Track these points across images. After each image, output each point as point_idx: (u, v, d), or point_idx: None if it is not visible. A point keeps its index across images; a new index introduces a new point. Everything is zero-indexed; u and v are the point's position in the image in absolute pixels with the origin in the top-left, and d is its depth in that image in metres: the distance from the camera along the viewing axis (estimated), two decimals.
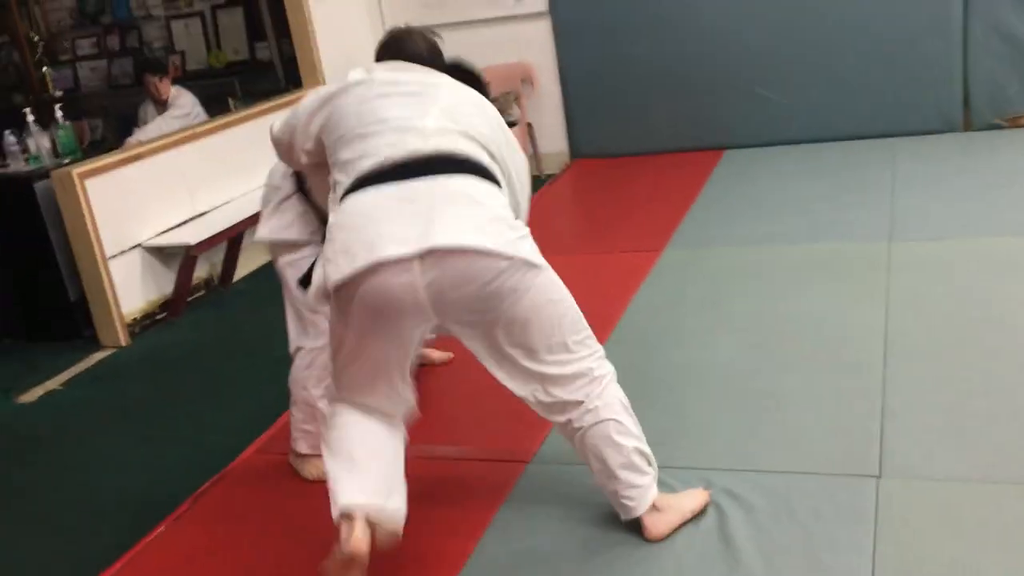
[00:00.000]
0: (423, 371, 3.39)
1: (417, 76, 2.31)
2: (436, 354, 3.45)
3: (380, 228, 1.98)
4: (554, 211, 5.44)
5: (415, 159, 2.06)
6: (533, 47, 6.08)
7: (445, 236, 1.96)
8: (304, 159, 2.39)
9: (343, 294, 2.02)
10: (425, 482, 2.68)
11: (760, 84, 5.64)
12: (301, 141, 2.36)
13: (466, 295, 2.01)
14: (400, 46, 2.50)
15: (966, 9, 5.16)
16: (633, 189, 5.40)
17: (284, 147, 2.49)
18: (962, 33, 5.20)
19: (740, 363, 3.09)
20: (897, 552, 2.11)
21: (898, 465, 2.42)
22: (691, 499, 2.35)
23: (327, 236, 2.09)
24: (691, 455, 2.61)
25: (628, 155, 6.04)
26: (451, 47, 6.70)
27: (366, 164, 2.09)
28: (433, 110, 2.15)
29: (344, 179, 2.12)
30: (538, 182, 5.96)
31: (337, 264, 2.00)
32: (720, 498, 2.39)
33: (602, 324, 3.51)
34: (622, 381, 2.31)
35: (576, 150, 6.21)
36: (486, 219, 2.03)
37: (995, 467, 2.36)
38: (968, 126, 5.33)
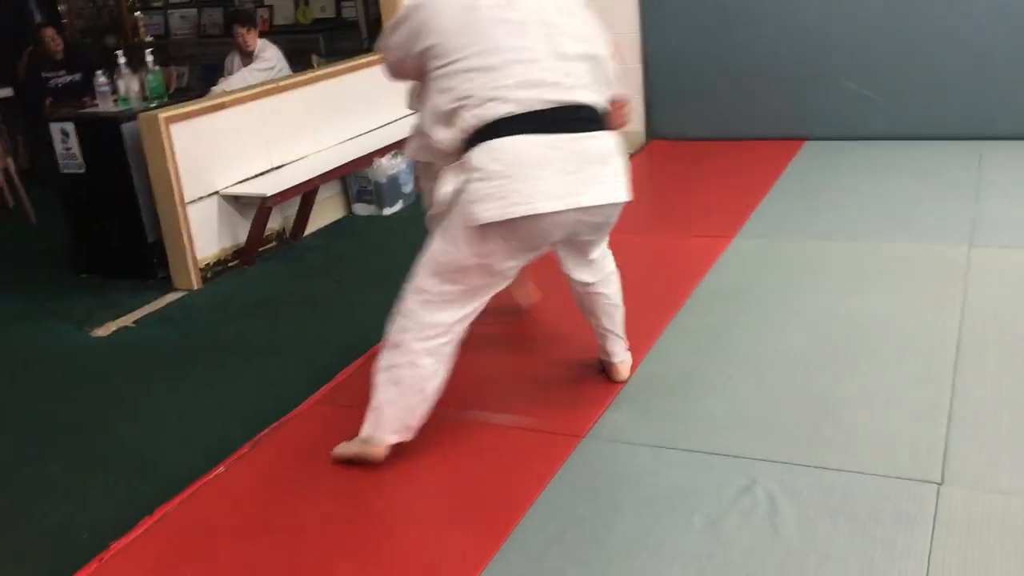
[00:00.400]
0: (484, 343, 3.41)
1: None
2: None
3: (536, 184, 2.38)
4: None
5: (550, 110, 2.42)
6: (619, 23, 6.00)
7: (591, 196, 2.48)
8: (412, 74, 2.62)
9: (488, 228, 2.40)
10: (480, 447, 2.72)
11: (847, 76, 5.51)
12: (404, 58, 2.56)
13: (592, 229, 2.61)
14: None
15: None
16: (708, 174, 5.34)
17: (395, 63, 2.64)
18: None
19: (805, 358, 3.05)
20: (953, 561, 2.07)
21: (961, 474, 2.37)
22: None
23: (472, 168, 2.38)
24: (747, 445, 2.59)
25: (705, 139, 5.97)
26: None
27: (501, 109, 2.38)
28: (543, 33, 2.46)
29: (470, 116, 2.40)
30: None
31: (487, 206, 2.37)
32: (774, 490, 2.37)
33: (666, 307, 3.52)
34: (684, 366, 2.30)
35: (653, 131, 6.15)
36: (615, 175, 2.55)
37: None
38: None
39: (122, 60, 4.59)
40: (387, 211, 5.29)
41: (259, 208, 4.53)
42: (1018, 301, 3.29)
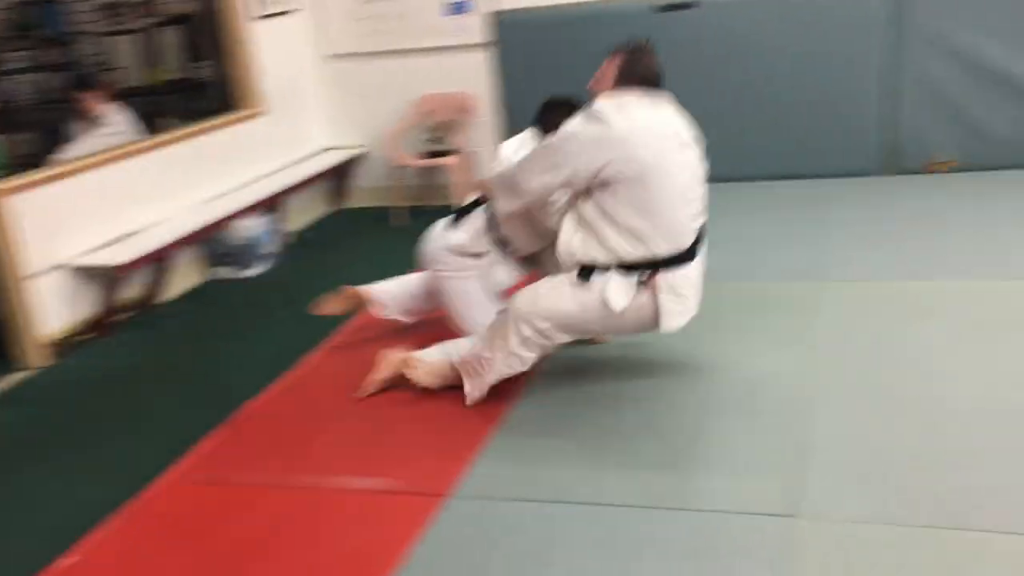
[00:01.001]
0: (338, 401, 3.37)
1: (670, 115, 3.08)
2: None
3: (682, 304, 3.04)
4: None
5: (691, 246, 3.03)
6: (473, 77, 6.12)
7: (695, 307, 3.12)
8: (558, 193, 3.08)
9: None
10: (340, 515, 2.67)
11: (697, 125, 5.74)
12: (570, 175, 2.95)
13: None
14: (647, 64, 3.12)
15: (894, 57, 5.34)
16: None
17: (533, 175, 3.04)
18: (888, 80, 5.37)
19: (667, 402, 3.13)
20: None
21: (812, 506, 2.47)
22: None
23: (665, 288, 2.99)
24: (614, 493, 2.62)
25: None
26: (391, 75, 6.74)
27: (663, 248, 2.96)
28: (697, 174, 3.10)
29: (630, 247, 2.94)
30: None
31: (677, 319, 3.05)
32: (639, 536, 2.41)
33: None
34: (551, 411, 2.30)
35: None
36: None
37: (908, 510, 2.41)
38: (893, 170, 5.49)
39: None
40: (248, 273, 5.18)
41: (111, 278, 4.36)
42: (863, 334, 3.47)
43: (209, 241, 5.16)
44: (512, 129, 6.12)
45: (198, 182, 5.21)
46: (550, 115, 3.46)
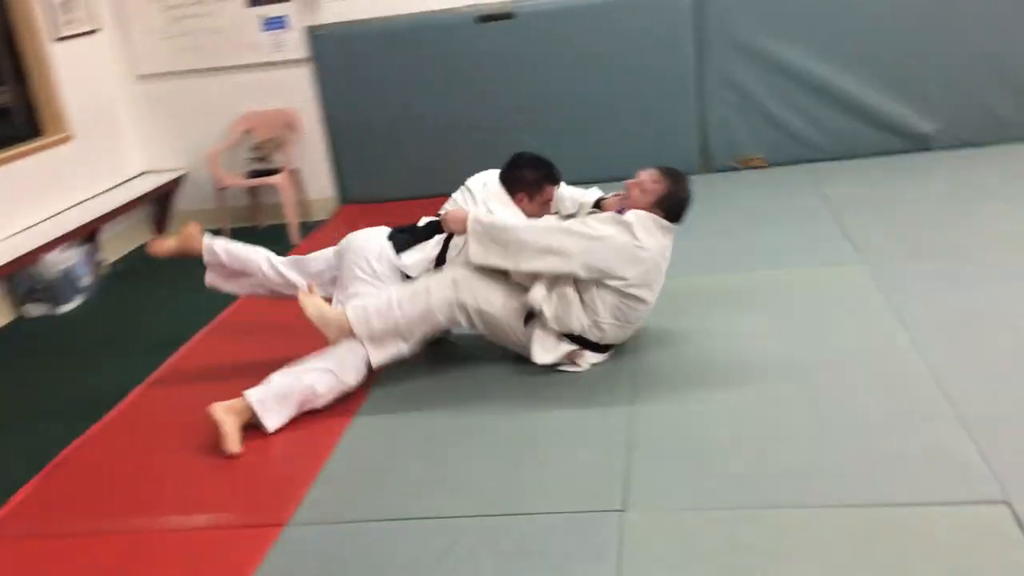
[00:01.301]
0: (169, 432, 3.23)
1: (670, 244, 3.37)
2: None
3: None
4: None
5: None
6: (296, 93, 6.01)
7: None
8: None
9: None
10: (172, 557, 2.56)
11: (522, 132, 5.84)
12: (581, 270, 3.16)
13: None
14: (685, 200, 3.38)
15: (700, 63, 5.60)
16: None
17: (538, 251, 3.18)
18: (697, 85, 5.63)
19: (501, 408, 3.15)
20: None
21: (641, 498, 2.54)
22: None
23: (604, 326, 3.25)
24: (447, 505, 2.63)
25: (396, 200, 6.07)
26: (209, 94, 6.53)
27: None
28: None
29: (589, 334, 3.26)
30: (306, 227, 5.89)
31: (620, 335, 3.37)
32: (477, 545, 2.42)
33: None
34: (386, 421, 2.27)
35: (344, 196, 6.18)
36: None
37: (730, 494, 2.52)
38: (706, 168, 5.76)
39: None
40: (63, 309, 4.90)
41: None
42: (682, 326, 3.59)
43: (17, 277, 4.84)
44: (337, 145, 6.06)
45: (2, 214, 4.88)
46: (518, 171, 3.61)
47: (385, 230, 3.61)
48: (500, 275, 3.28)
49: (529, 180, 3.61)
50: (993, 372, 2.96)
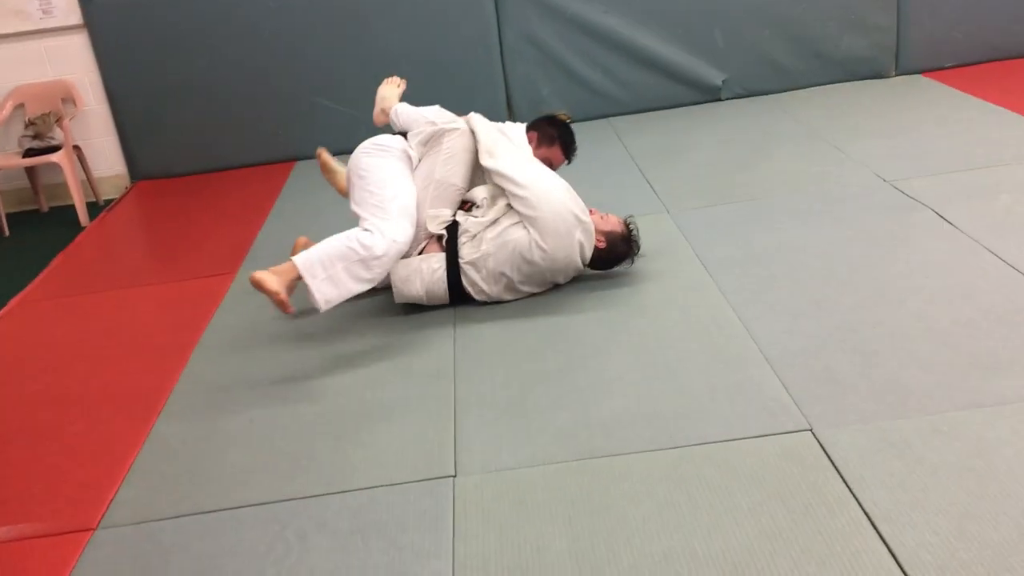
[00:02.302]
0: None
1: None
2: None
3: None
4: (117, 239, 5.04)
5: None
6: (73, 63, 5.56)
7: None
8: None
9: None
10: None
11: (321, 94, 5.66)
12: None
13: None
14: None
15: (499, 21, 5.60)
16: (202, 209, 5.16)
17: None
18: (498, 42, 5.64)
19: (325, 385, 3.07)
20: (474, 548, 2.21)
21: (472, 462, 2.54)
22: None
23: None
24: (274, 489, 2.54)
25: (194, 173, 5.77)
26: None
27: None
28: None
29: (518, 283, 3.44)
30: (96, 208, 5.50)
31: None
32: (305, 527, 2.35)
33: (173, 359, 3.33)
34: (199, 419, 2.15)
35: (136, 171, 5.81)
36: None
37: (557, 448, 2.56)
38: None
39: None
40: None
41: None
42: None
43: None
44: (123, 117, 5.66)
45: None
46: (544, 123, 3.84)
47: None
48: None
49: (546, 130, 3.80)
50: (790, 307, 3.15)
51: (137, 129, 5.72)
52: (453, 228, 3.41)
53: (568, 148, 3.82)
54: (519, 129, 3.79)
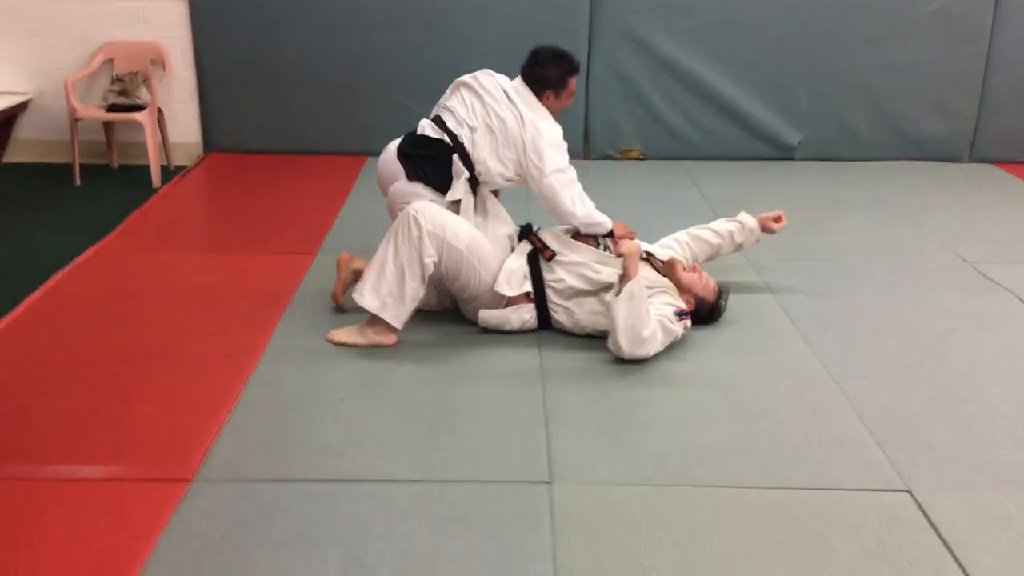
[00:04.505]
0: (56, 382, 2.97)
1: None
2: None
3: None
4: (193, 205, 5.08)
5: None
6: (167, 27, 5.62)
7: None
8: None
9: None
10: (71, 508, 2.34)
11: (403, 94, 5.71)
12: None
13: None
14: None
15: (590, 51, 5.66)
16: (276, 189, 5.20)
17: None
18: (585, 71, 5.70)
19: (414, 376, 3.07)
20: (576, 556, 2.21)
21: (566, 472, 2.55)
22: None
23: None
24: (370, 467, 2.54)
25: (266, 152, 5.81)
26: (72, 16, 6.01)
27: None
28: None
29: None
30: (168, 173, 5.54)
31: None
32: (406, 508, 2.35)
33: (260, 327, 3.35)
34: (290, 389, 2.28)
35: (210, 143, 5.85)
36: None
37: (653, 470, 2.57)
38: (587, 155, 5.84)
39: None
40: None
41: None
42: None
43: None
44: (207, 87, 5.71)
45: None
46: (540, 70, 3.47)
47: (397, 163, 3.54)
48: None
49: (554, 78, 3.48)
50: (879, 368, 3.17)
51: (218, 101, 5.77)
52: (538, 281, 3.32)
53: (572, 67, 3.54)
54: (521, 92, 3.48)
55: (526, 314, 3.33)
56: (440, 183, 3.42)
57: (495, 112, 3.43)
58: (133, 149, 5.68)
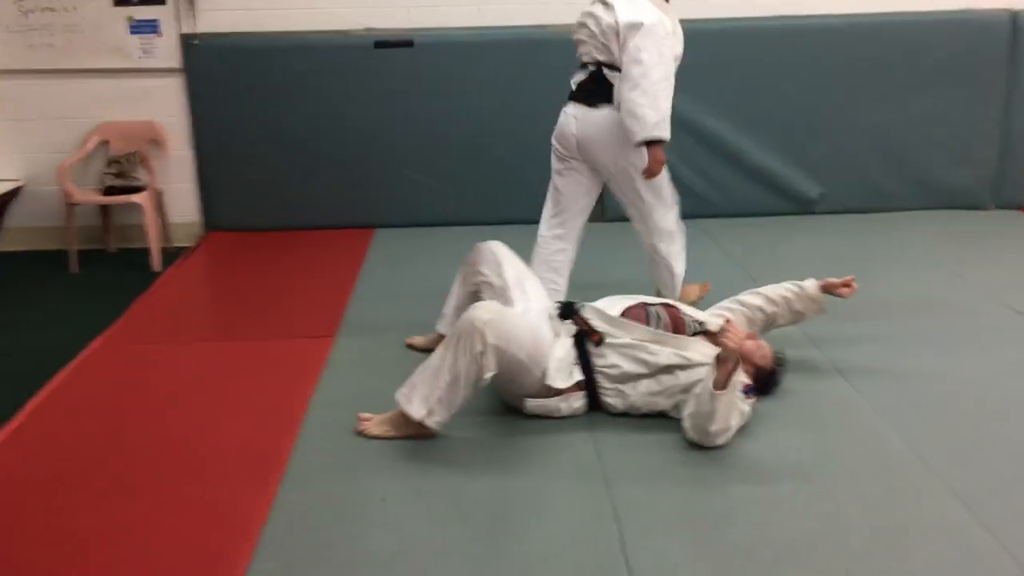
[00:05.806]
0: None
1: None
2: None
3: None
4: (197, 289, 4.83)
5: None
6: (163, 106, 5.44)
7: None
8: None
9: None
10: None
11: (409, 167, 5.53)
12: None
13: None
14: None
15: None
16: (283, 267, 4.95)
17: None
18: None
19: (460, 469, 2.81)
20: None
21: (648, 569, 2.30)
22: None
23: None
24: None
25: (268, 230, 5.59)
26: (64, 97, 5.82)
27: None
28: None
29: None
30: (169, 255, 5.30)
31: None
32: None
33: (283, 423, 3.09)
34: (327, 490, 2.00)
35: (211, 222, 5.62)
36: None
37: (742, 569, 2.32)
38: (602, 217, 5.63)
39: None
40: None
41: None
42: None
43: None
44: (206, 166, 5.51)
45: None
46: None
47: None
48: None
49: None
50: (959, 438, 2.94)
51: (217, 179, 5.56)
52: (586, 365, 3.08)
53: None
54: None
55: (576, 402, 3.08)
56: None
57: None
58: (130, 232, 5.46)
